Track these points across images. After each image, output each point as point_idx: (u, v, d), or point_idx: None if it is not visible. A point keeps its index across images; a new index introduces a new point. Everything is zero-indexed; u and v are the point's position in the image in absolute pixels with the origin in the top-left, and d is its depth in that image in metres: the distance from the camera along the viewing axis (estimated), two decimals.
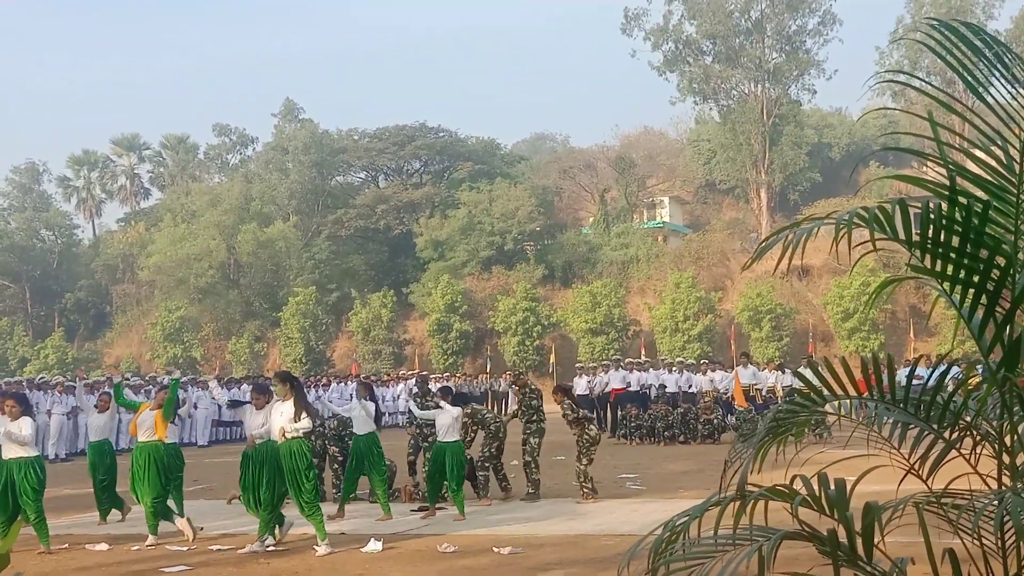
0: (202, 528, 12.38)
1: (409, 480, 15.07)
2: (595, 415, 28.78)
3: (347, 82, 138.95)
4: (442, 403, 13.32)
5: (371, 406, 13.40)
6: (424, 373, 35.26)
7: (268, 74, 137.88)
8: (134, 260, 60.99)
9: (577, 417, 14.25)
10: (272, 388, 11.49)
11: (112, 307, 63.45)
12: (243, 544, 11.18)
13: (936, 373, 4.22)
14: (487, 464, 14.49)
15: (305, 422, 10.86)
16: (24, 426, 11.15)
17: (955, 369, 5.03)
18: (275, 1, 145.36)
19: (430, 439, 14.78)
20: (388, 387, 35.31)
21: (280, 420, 10.84)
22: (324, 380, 37.42)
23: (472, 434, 14.93)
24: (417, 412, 14.41)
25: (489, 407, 32.90)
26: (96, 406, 14.19)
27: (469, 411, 15.02)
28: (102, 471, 13.53)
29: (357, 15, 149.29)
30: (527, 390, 15.17)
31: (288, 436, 10.74)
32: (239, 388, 31.79)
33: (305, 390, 12.36)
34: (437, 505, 13.08)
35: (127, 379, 30.13)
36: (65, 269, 64.81)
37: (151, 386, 29.50)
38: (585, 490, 13.82)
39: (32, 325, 62.18)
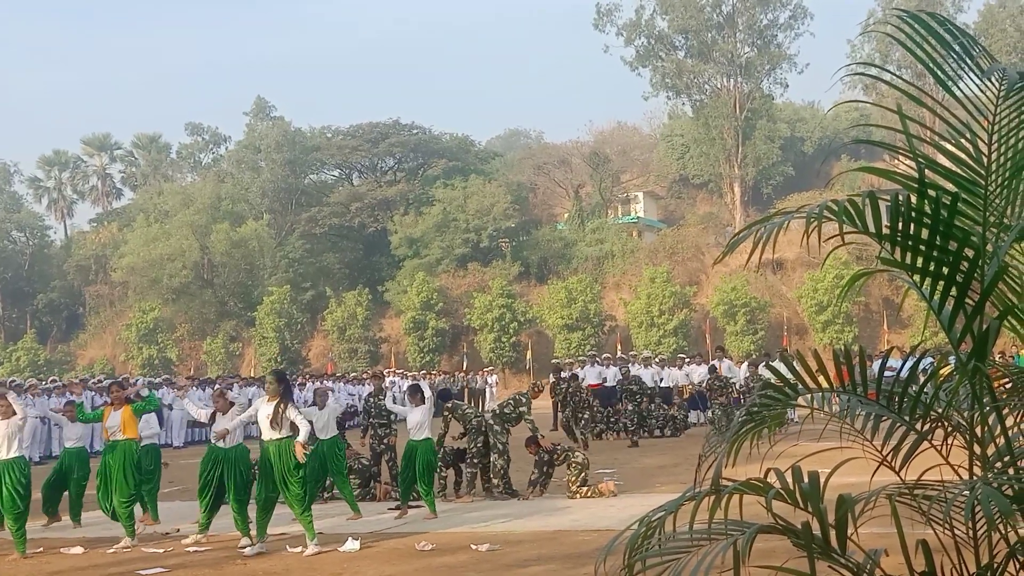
0: (178, 530, 12.32)
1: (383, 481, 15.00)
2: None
3: (320, 80, 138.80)
4: (406, 401, 13.38)
5: (333, 409, 13.50)
6: (380, 370, 35.27)
7: (241, 73, 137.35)
8: (107, 261, 60.57)
9: (552, 460, 14.17)
10: (266, 384, 11.47)
11: (85, 308, 63.01)
12: (220, 545, 11.13)
13: (908, 365, 4.24)
14: (476, 460, 14.41)
15: (304, 426, 10.78)
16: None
17: (927, 360, 5.06)
18: (249, 1, 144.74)
19: (386, 440, 14.74)
20: (364, 385, 35.16)
21: (262, 419, 10.80)
22: (299, 379, 37.28)
23: (444, 428, 14.88)
24: (391, 407, 14.33)
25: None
26: (66, 415, 14.02)
27: (450, 406, 15.00)
28: (81, 477, 13.46)
29: (328, 13, 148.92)
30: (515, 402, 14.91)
31: (276, 438, 10.69)
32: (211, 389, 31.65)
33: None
34: (410, 504, 13.02)
35: (99, 381, 29.95)
36: (37, 270, 64.31)
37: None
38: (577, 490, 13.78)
39: (4, 327, 61.69)
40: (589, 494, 13.59)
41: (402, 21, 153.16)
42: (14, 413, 11.17)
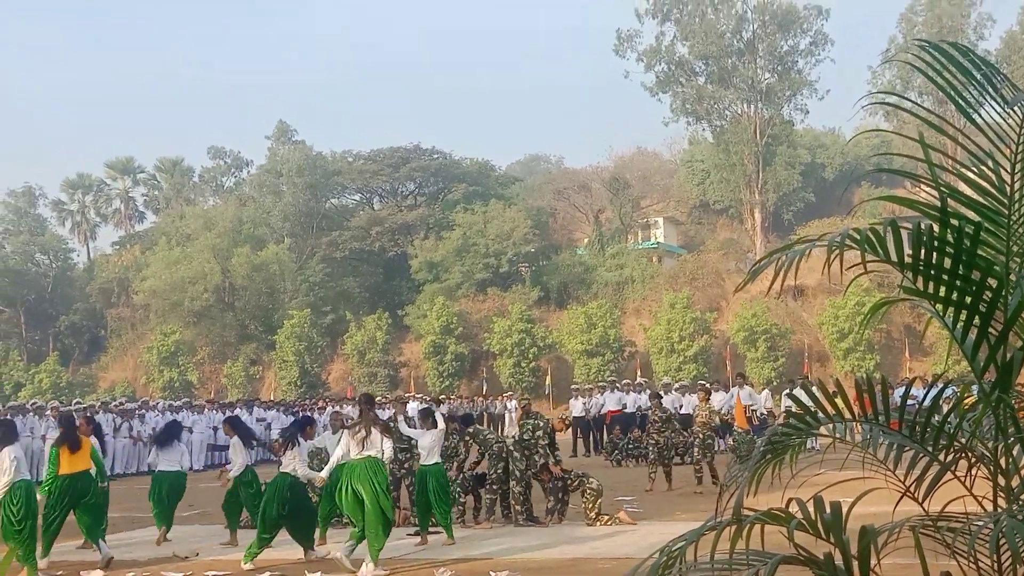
0: (197, 554, 12.34)
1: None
2: (590, 437, 28.85)
3: (341, 105, 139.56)
4: (417, 425, 13.41)
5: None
6: (403, 395, 35.28)
7: (263, 97, 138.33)
8: (129, 283, 60.88)
9: (566, 486, 14.13)
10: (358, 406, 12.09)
11: (107, 331, 63.29)
12: (237, 569, 11.13)
13: (931, 394, 4.21)
14: (495, 487, 14.36)
15: (388, 446, 11.25)
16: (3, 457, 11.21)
17: (950, 389, 5.01)
18: (270, 25, 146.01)
19: (407, 465, 14.70)
20: (384, 410, 35.13)
21: (350, 441, 11.26)
22: (320, 403, 37.34)
23: (465, 454, 14.84)
24: (405, 430, 14.30)
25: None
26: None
27: (472, 431, 14.99)
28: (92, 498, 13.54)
29: (351, 38, 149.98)
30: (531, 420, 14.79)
31: (364, 456, 11.06)
32: (230, 411, 31.75)
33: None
34: (428, 530, 12.96)
35: (120, 404, 30.09)
36: (60, 293, 64.70)
37: (144, 411, 29.48)
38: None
39: (27, 349, 62.02)
40: (608, 522, 13.52)
41: (422, 47, 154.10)
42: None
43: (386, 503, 10.87)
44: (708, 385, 26.43)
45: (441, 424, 13.26)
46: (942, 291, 3.71)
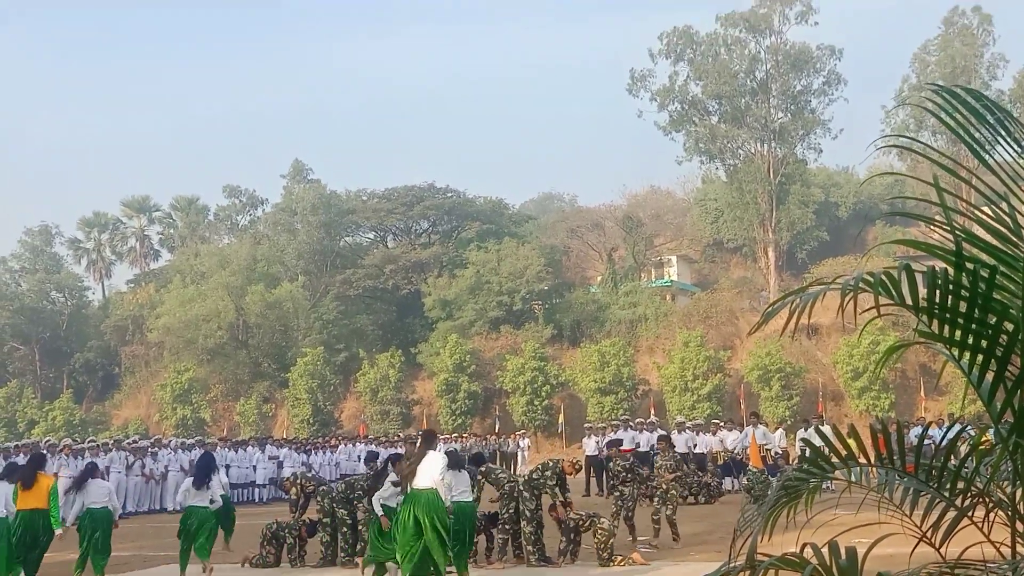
0: None
1: None
2: (603, 475, 28.65)
3: (356, 143, 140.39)
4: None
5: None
6: (412, 434, 34.88)
7: (278, 135, 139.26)
8: (143, 321, 61.02)
9: (577, 527, 14.04)
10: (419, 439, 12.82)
11: (121, 368, 63.39)
12: None
13: (947, 437, 4.18)
14: (507, 527, 14.28)
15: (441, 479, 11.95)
16: None
17: (967, 431, 4.97)
18: (284, 63, 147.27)
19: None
20: (396, 448, 35.01)
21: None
22: (333, 441, 37.30)
23: (479, 492, 14.76)
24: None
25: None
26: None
27: (484, 470, 14.93)
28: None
29: (366, 76, 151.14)
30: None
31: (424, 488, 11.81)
32: (248, 449, 31.71)
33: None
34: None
35: (134, 442, 30.08)
36: (75, 330, 64.90)
37: (156, 448, 29.45)
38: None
39: (41, 386, 62.14)
40: (621, 563, 13.41)
41: (436, 87, 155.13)
42: None
43: (443, 532, 11.65)
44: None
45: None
46: (958, 335, 3.69)
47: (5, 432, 49.63)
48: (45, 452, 21.08)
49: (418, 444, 12.57)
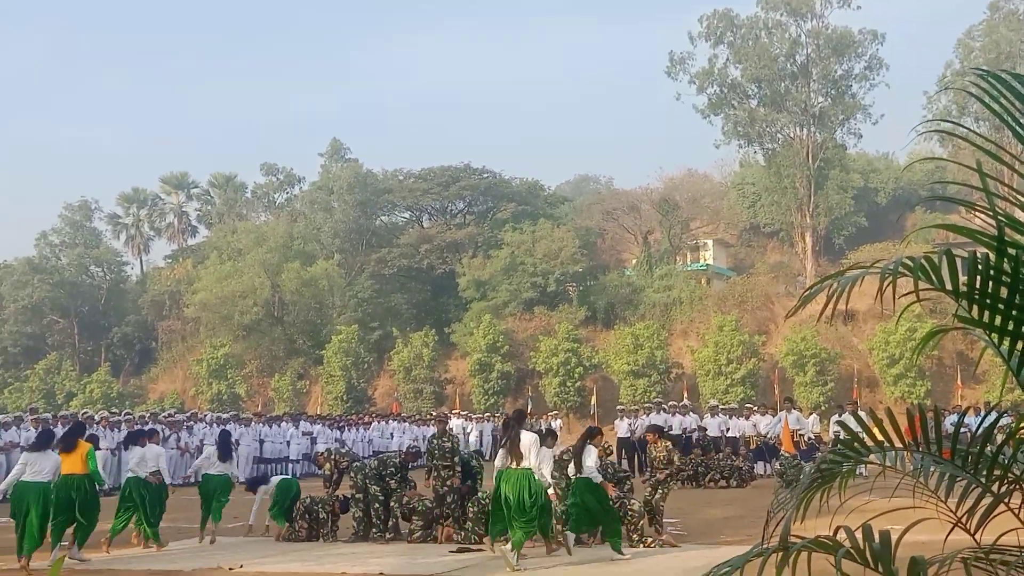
0: (241, 565, 12.43)
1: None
2: (635, 458, 28.66)
3: (393, 124, 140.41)
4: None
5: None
6: (444, 412, 35.06)
7: (317, 116, 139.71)
8: (180, 297, 61.61)
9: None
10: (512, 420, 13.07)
11: (158, 343, 64.07)
12: None
13: (984, 424, 4.15)
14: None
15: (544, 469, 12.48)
16: None
17: (1004, 419, 4.93)
18: (325, 48, 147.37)
19: (449, 482, 14.71)
20: (428, 427, 35.17)
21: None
22: (366, 418, 37.59)
23: None
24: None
25: None
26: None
27: None
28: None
29: (403, 62, 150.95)
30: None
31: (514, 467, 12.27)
32: (283, 424, 31.99)
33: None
34: (474, 546, 13.24)
35: (170, 415, 30.47)
36: (113, 305, 65.63)
37: (192, 422, 29.80)
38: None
39: (79, 359, 62.93)
40: (652, 544, 13.44)
41: (474, 69, 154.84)
42: None
43: (529, 507, 11.91)
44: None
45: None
46: (998, 320, 3.66)
47: (44, 403, 50.27)
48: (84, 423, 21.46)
49: (506, 426, 12.86)
